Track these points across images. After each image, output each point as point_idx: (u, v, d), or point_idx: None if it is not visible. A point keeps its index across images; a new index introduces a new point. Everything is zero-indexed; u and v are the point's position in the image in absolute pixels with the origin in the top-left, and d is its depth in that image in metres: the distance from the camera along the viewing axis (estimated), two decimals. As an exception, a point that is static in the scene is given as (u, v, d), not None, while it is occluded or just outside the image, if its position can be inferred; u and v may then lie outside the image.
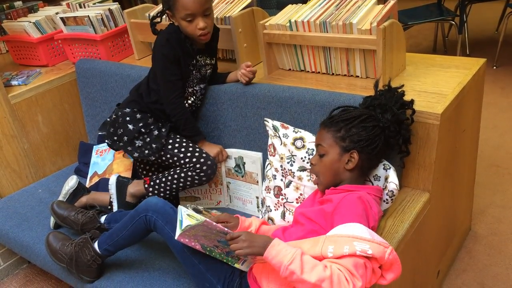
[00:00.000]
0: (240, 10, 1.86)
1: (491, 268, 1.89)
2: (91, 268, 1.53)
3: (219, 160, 1.77)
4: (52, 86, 2.26)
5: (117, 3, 2.40)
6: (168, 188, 1.74)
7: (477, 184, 2.11)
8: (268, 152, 1.62)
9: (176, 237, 1.28)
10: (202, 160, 1.69)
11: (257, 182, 1.75)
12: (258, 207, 1.78)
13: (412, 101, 1.41)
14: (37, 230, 1.83)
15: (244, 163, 1.76)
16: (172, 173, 1.73)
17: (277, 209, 1.58)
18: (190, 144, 1.73)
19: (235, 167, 1.79)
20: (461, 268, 1.91)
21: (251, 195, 1.79)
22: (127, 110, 1.78)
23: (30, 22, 2.31)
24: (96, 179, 2.06)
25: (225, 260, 1.34)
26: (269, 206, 1.60)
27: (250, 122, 1.77)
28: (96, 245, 1.52)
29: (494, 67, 3.60)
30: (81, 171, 2.19)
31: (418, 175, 1.52)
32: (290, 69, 1.89)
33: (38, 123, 2.23)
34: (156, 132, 1.75)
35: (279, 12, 1.82)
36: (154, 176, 1.77)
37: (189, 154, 1.70)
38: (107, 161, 2.10)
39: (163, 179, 1.74)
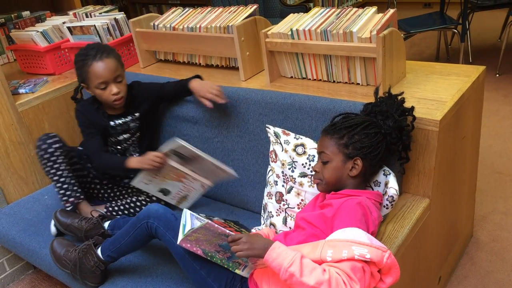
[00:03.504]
0: (243, 19, 1.89)
1: (493, 275, 1.90)
2: (95, 274, 1.55)
3: (158, 163, 1.69)
4: (58, 94, 2.29)
5: (123, 12, 2.44)
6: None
7: (479, 190, 2.12)
8: (270, 158, 1.63)
9: (178, 242, 1.30)
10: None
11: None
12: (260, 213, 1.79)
13: (412, 108, 1.43)
14: (43, 235, 1.85)
15: None
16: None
17: (279, 215, 1.60)
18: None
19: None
20: (463, 275, 1.92)
21: None
22: None
23: (38, 32, 2.35)
24: (101, 186, 2.08)
25: (226, 266, 1.36)
26: (271, 212, 1.62)
27: (252, 128, 1.79)
28: (99, 251, 1.54)
29: (497, 75, 3.61)
30: (86, 178, 2.22)
31: (418, 181, 1.53)
32: (292, 77, 1.91)
33: (45, 130, 2.25)
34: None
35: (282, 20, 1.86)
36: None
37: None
38: (111, 168, 2.13)
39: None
